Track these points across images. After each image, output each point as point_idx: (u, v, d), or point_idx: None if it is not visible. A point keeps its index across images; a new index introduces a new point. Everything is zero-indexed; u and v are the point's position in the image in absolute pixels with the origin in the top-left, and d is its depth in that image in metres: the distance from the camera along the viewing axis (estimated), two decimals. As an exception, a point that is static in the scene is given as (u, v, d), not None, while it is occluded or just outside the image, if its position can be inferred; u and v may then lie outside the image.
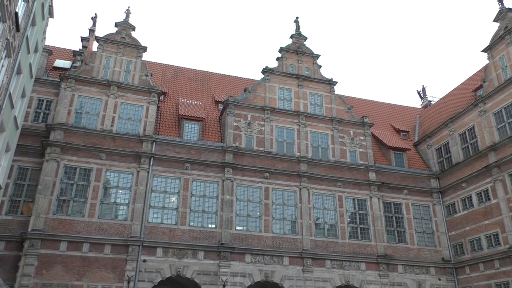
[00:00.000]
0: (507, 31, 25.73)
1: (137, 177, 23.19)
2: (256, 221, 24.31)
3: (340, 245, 25.13)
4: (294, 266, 23.76)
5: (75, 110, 23.80)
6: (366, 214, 26.47)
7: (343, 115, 28.90)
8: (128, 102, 24.94)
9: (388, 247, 25.92)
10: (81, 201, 22.00)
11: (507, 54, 25.62)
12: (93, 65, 25.25)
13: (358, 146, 28.20)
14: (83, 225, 21.47)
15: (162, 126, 25.94)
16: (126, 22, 27.17)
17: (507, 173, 24.07)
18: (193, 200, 23.72)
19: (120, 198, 22.74)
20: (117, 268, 21.11)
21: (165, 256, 22.06)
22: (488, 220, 24.85)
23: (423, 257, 26.47)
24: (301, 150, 26.81)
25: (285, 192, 25.47)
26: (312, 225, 25.10)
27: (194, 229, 23.07)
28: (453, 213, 27.52)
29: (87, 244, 21.06)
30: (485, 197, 25.42)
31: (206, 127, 26.77)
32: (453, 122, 28.76)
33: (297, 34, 30.69)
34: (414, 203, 27.90)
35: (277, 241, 24.11)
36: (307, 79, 29.16)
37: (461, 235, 26.62)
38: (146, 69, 26.36)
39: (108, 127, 23.94)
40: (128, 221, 22.21)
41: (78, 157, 22.70)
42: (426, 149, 30.97)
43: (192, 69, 33.25)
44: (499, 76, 25.92)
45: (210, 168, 24.65)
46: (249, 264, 23.11)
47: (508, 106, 24.84)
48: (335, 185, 26.47)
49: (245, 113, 26.73)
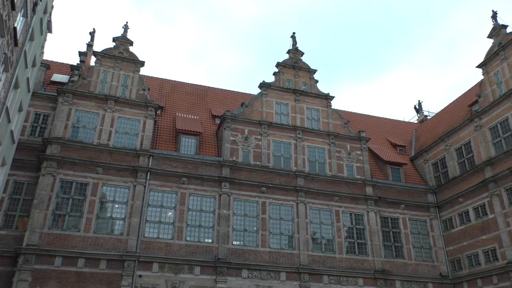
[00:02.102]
0: (501, 47, 26.07)
1: (134, 191, 23.09)
2: (253, 235, 24.16)
3: (337, 260, 24.97)
4: (291, 281, 23.55)
5: (72, 124, 23.79)
6: (363, 228, 26.38)
7: (340, 130, 29.00)
8: (125, 116, 24.97)
9: (385, 262, 25.78)
10: (77, 215, 21.84)
11: (502, 70, 25.91)
12: (91, 79, 25.34)
13: (355, 160, 28.24)
14: (78, 240, 21.28)
15: (159, 140, 25.94)
16: (124, 37, 27.37)
17: (504, 188, 24.11)
18: (190, 214, 23.60)
19: (116, 212, 22.59)
20: (113, 283, 20.84)
21: (161, 271, 21.83)
22: (486, 235, 24.80)
23: (421, 272, 26.31)
24: (298, 164, 26.81)
25: (282, 207, 25.39)
26: (309, 240, 24.97)
27: (191, 244, 22.90)
28: (450, 228, 27.46)
29: (83, 259, 20.82)
30: (482, 212, 25.40)
31: (203, 141, 26.78)
32: (449, 137, 28.90)
33: (294, 49, 30.97)
34: (411, 218, 27.84)
35: (274, 256, 23.94)
36: (304, 93, 29.33)
37: (458, 250, 26.52)
38: (143, 84, 26.47)
39: (105, 141, 23.91)
40: (124, 235, 22.03)
41: (74, 171, 22.61)
42: (423, 164, 31.05)
43: (189, 84, 33.39)
44: (494, 92, 26.17)
45: (207, 182, 24.59)
46: (245, 279, 22.89)
47: (504, 121, 25.01)
48: (332, 200, 26.43)
49: (242, 128, 26.79)
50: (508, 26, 26.42)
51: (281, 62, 30.01)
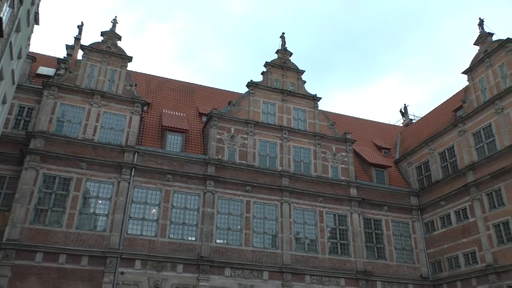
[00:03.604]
0: (486, 54, 26.48)
1: (118, 187, 22.94)
2: (237, 234, 24.21)
3: (320, 260, 25.15)
4: (274, 280, 23.66)
5: (56, 118, 23.53)
6: (346, 229, 26.61)
7: (326, 131, 29.18)
8: (111, 112, 24.77)
9: (367, 263, 26.05)
10: (59, 211, 21.61)
11: (486, 77, 26.33)
12: (77, 73, 25.08)
13: (340, 162, 28.46)
14: (60, 235, 21.06)
15: (144, 137, 25.80)
16: (112, 32, 27.13)
17: (485, 192, 24.54)
18: (174, 212, 23.54)
19: (100, 208, 22.43)
20: (94, 280, 20.69)
21: (144, 268, 21.75)
22: (466, 238, 25.23)
23: (402, 273, 26.65)
24: (283, 164, 26.92)
25: (266, 206, 25.47)
26: (293, 240, 25.10)
27: (174, 241, 22.85)
28: (432, 231, 27.87)
29: (64, 255, 20.63)
30: (463, 216, 25.83)
31: (189, 139, 26.71)
32: (433, 141, 29.29)
33: (282, 49, 31.03)
34: (393, 220, 28.18)
35: (257, 255, 24.02)
36: (291, 94, 29.43)
37: (439, 253, 26.94)
38: (130, 79, 26.29)
39: (90, 136, 23.70)
40: (107, 232, 21.88)
41: (58, 166, 22.37)
42: (407, 167, 31.42)
43: (177, 81, 33.26)
44: (478, 98, 26.59)
45: (192, 180, 24.55)
46: (228, 278, 22.94)
47: (487, 127, 25.44)
48: (316, 200, 26.60)
49: (228, 126, 26.79)
50: (494, 34, 26.86)
51: (269, 61, 30.06)
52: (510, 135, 23.65)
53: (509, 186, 23.08)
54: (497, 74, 25.56)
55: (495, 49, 25.94)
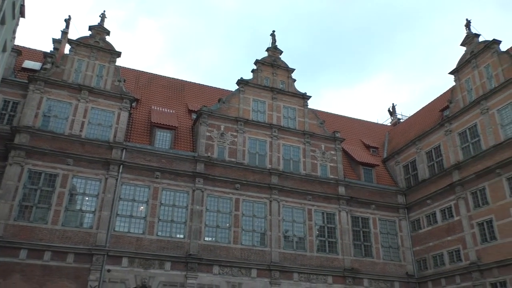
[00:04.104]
0: (473, 55, 26.86)
1: (105, 184, 22.66)
2: (225, 232, 24.15)
3: (308, 258, 25.25)
4: (262, 278, 23.68)
5: (42, 113, 23.12)
6: (334, 227, 26.77)
7: (315, 130, 29.28)
8: (99, 107, 24.44)
9: (354, 261, 26.25)
10: (45, 207, 21.26)
11: (473, 78, 26.71)
12: (64, 68, 24.67)
13: (329, 160, 28.60)
14: (45, 232, 20.72)
15: (133, 133, 25.53)
16: (100, 26, 26.76)
17: (470, 192, 24.93)
18: (162, 209, 23.36)
19: (86, 205, 22.13)
20: (80, 277, 20.43)
21: (131, 266, 21.55)
22: (451, 236, 25.60)
23: (388, 271, 26.94)
24: (272, 162, 26.93)
25: (255, 204, 25.46)
26: (281, 238, 25.15)
27: (162, 239, 22.68)
28: (418, 229, 28.21)
29: (49, 252, 20.31)
30: (448, 214, 26.20)
31: (178, 136, 26.52)
32: (420, 141, 29.64)
33: (273, 47, 31.02)
34: (381, 218, 28.44)
35: (245, 253, 24.00)
36: (281, 92, 29.45)
37: (425, 251, 27.29)
38: (119, 75, 25.97)
39: (77, 132, 23.35)
40: (94, 229, 21.61)
41: (43, 162, 21.99)
42: (394, 166, 31.74)
43: (167, 77, 33.00)
44: (464, 98, 26.97)
45: (181, 177, 24.39)
46: (216, 275, 22.87)
47: (472, 127, 25.82)
48: (305, 198, 26.69)
49: (218, 124, 26.67)
50: (480, 35, 27.24)
51: (259, 59, 30.00)
52: (494, 135, 24.06)
53: (493, 185, 23.48)
54: (483, 75, 25.95)
55: (481, 50, 26.32)
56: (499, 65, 24.82)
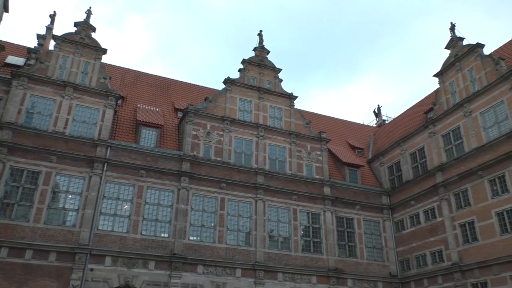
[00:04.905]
0: (457, 58, 27.25)
1: (89, 182, 22.41)
2: (210, 231, 24.09)
3: (292, 258, 25.34)
4: (246, 278, 23.68)
5: (26, 110, 22.77)
6: (319, 228, 26.91)
7: (302, 130, 29.40)
8: (83, 105, 24.18)
9: (339, 261, 26.42)
10: (27, 205, 20.94)
11: (457, 80, 27.10)
12: (49, 64, 24.34)
13: (315, 160, 28.74)
14: (27, 230, 20.41)
15: (118, 131, 25.31)
16: (86, 23, 26.47)
17: (452, 193, 25.29)
18: (147, 208, 23.20)
19: (70, 203, 21.86)
20: (62, 276, 20.17)
21: (114, 265, 21.35)
22: (434, 237, 25.94)
23: (372, 271, 27.18)
24: (258, 162, 26.96)
25: (240, 204, 25.45)
26: (266, 237, 25.19)
27: (146, 238, 22.52)
28: (402, 230, 28.53)
29: (31, 250, 20.01)
30: (431, 215, 26.54)
31: (164, 134, 26.37)
32: (404, 142, 29.98)
33: (260, 47, 31.05)
34: (365, 219, 28.68)
35: (230, 252, 23.97)
36: (268, 92, 29.50)
37: (408, 251, 27.61)
38: (104, 72, 25.72)
39: (61, 129, 23.05)
40: (77, 227, 21.36)
41: (26, 159, 21.66)
42: (379, 167, 32.04)
43: (153, 75, 32.78)
44: (448, 101, 27.35)
45: (166, 176, 24.26)
46: (201, 275, 22.80)
47: (456, 129, 26.20)
48: (291, 198, 26.78)
49: (204, 122, 26.60)
50: (464, 39, 27.65)
51: (246, 59, 29.99)
52: (477, 138, 24.46)
53: (475, 187, 23.86)
54: (466, 78, 26.36)
55: (465, 53, 26.72)
56: (482, 69, 25.24)
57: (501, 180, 22.46)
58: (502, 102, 23.52)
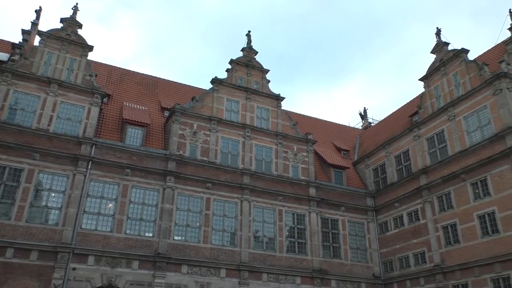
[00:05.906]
0: (442, 63, 27.64)
1: (73, 180, 22.13)
2: (195, 231, 24.00)
3: (277, 258, 25.40)
4: (231, 278, 23.66)
5: (9, 106, 22.40)
6: (304, 229, 27.02)
7: (288, 131, 29.49)
8: (68, 102, 23.87)
9: (323, 262, 26.57)
10: (8, 203, 20.57)
11: (441, 85, 27.49)
12: (33, 60, 23.97)
13: (301, 161, 28.85)
14: (8, 228, 20.06)
15: (103, 129, 25.04)
16: (72, 19, 26.14)
17: (436, 196, 25.65)
18: (131, 207, 23.01)
19: (52, 201, 21.55)
20: (43, 276, 19.87)
21: (97, 264, 21.11)
22: (417, 239, 26.26)
23: (356, 272, 27.39)
24: (245, 162, 26.95)
25: (226, 204, 25.41)
26: (251, 238, 25.19)
27: (130, 237, 22.33)
28: (385, 231, 28.82)
29: (12, 249, 19.65)
30: (415, 217, 26.86)
31: (150, 133, 26.19)
32: (390, 145, 30.29)
33: (248, 47, 31.05)
34: (350, 220, 28.89)
35: (215, 252, 23.92)
36: (255, 92, 29.52)
37: (391, 253, 27.90)
38: (90, 69, 25.43)
39: (44, 126, 22.72)
40: (59, 226, 21.07)
41: (8, 156, 21.28)
42: (364, 169, 32.31)
43: (140, 73, 32.52)
44: (433, 104, 27.72)
45: (152, 175, 24.09)
46: (185, 275, 22.70)
47: (440, 133, 26.58)
48: (276, 199, 26.84)
49: (191, 122, 26.49)
50: (450, 44, 28.05)
51: (234, 59, 29.96)
52: (460, 142, 24.84)
53: (458, 190, 24.23)
54: (451, 83, 26.75)
55: (450, 58, 27.11)
56: (467, 74, 25.64)
57: (483, 184, 22.86)
58: (485, 107, 23.93)
